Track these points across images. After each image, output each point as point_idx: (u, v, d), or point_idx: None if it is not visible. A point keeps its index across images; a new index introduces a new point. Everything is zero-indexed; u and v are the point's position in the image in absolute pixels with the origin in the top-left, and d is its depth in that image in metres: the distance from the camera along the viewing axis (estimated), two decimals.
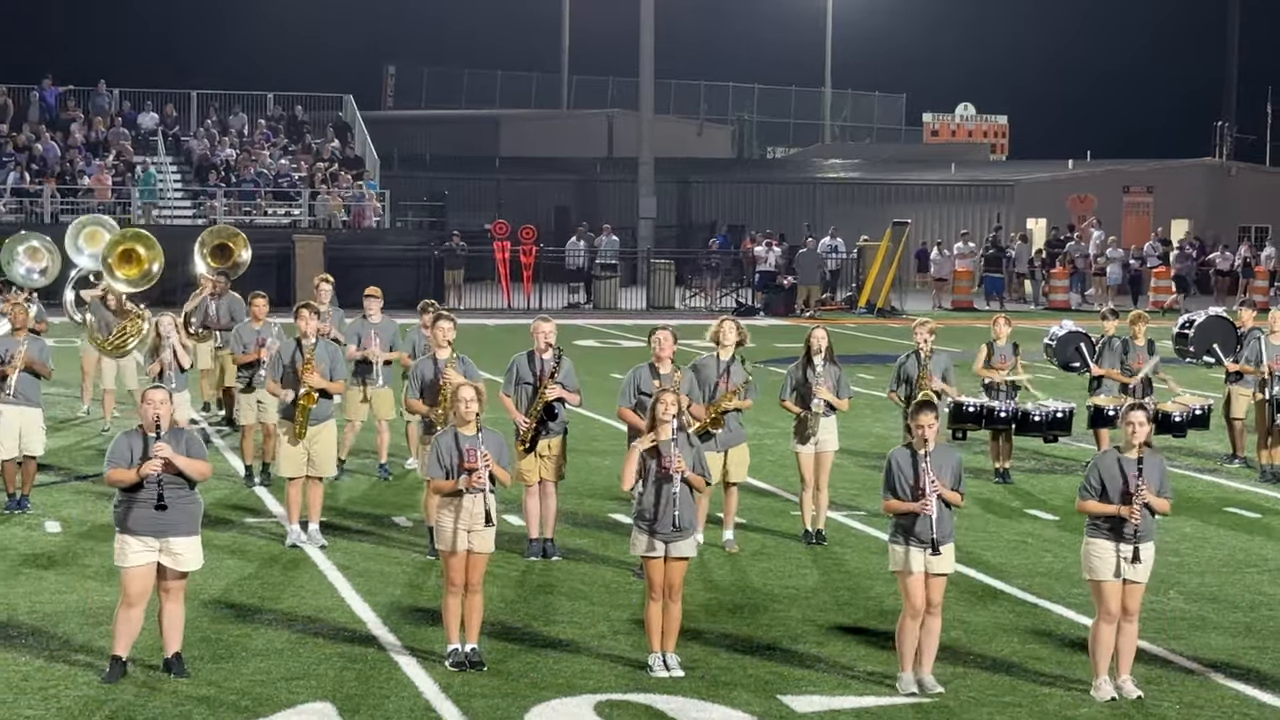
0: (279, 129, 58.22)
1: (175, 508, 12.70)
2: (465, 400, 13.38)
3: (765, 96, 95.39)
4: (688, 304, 54.25)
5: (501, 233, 53.64)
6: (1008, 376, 22.01)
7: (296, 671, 13.17)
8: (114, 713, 12.17)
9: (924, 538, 12.84)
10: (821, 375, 17.90)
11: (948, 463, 13.06)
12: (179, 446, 12.77)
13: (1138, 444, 12.84)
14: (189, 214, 52.06)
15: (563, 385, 17.15)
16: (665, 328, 17.08)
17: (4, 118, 54.96)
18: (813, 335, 18.09)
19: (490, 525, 13.29)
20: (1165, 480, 12.97)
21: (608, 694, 12.88)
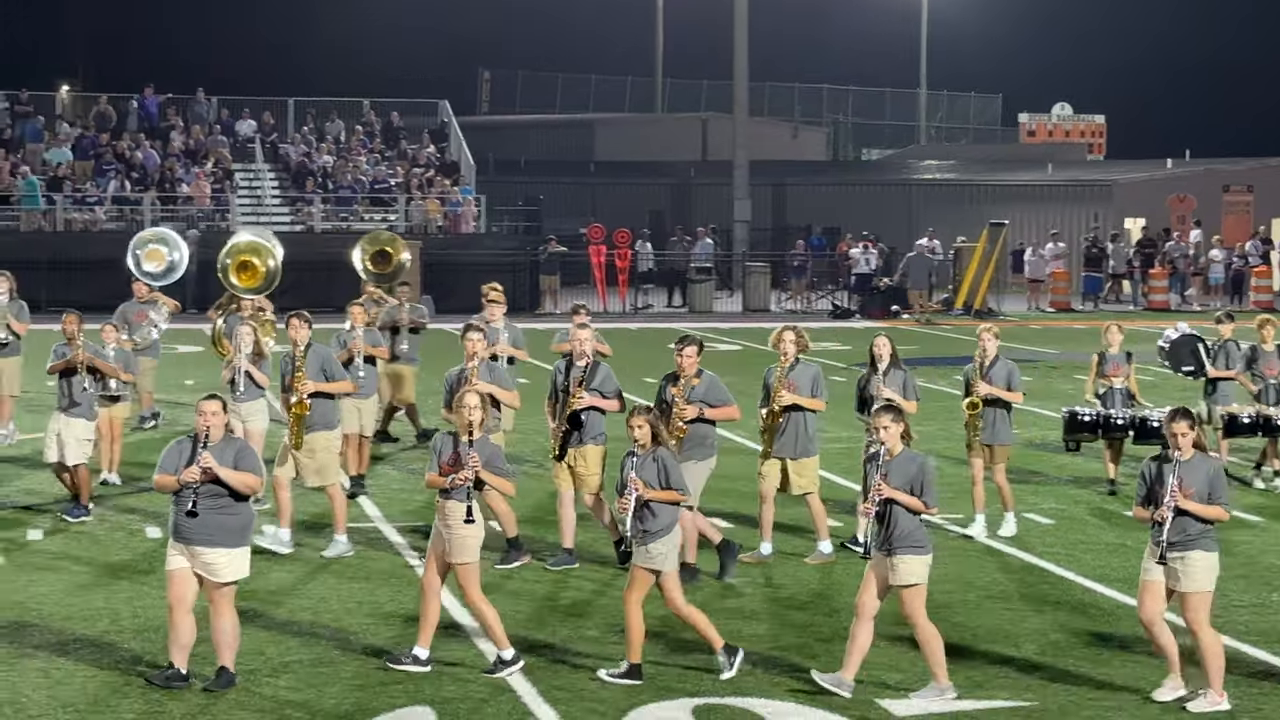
0: (375, 135, 58.54)
1: (208, 517, 12.67)
2: (468, 407, 13.51)
3: (860, 98, 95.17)
4: (783, 307, 54.15)
5: (597, 237, 53.73)
6: (1119, 385, 21.61)
7: (395, 676, 13.23)
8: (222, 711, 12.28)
9: (865, 541, 12.94)
10: (887, 381, 17.81)
11: (905, 469, 12.97)
12: (225, 457, 12.76)
13: (1184, 450, 12.69)
14: (286, 220, 52.41)
15: (599, 393, 16.99)
16: (690, 338, 17.07)
17: (105, 126, 55.53)
18: (875, 343, 18.10)
19: (470, 523, 13.27)
20: (1217, 486, 12.72)
21: (705, 698, 12.88)
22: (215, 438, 12.80)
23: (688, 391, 16.56)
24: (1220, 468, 13.00)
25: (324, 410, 17.84)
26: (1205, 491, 12.64)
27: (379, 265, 27.08)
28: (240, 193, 53.97)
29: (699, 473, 16.61)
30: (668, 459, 13.50)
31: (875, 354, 18.05)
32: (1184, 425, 12.69)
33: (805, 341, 17.82)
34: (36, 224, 50.45)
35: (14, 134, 54.60)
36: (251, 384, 19.53)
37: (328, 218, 53.04)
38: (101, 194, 52.07)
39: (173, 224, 50.53)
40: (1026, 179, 69.30)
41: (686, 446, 16.48)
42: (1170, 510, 12.55)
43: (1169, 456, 12.76)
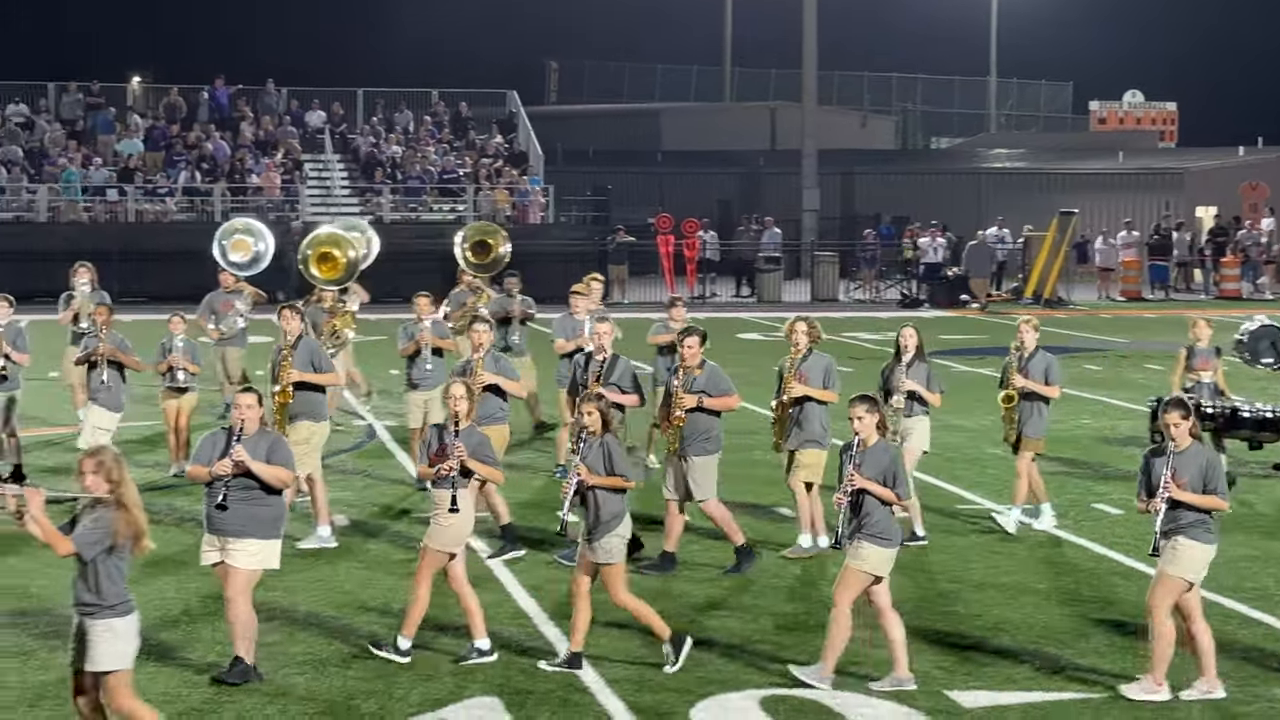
0: (444, 126, 58.68)
1: (237, 509, 12.71)
2: (454, 397, 13.67)
3: (929, 87, 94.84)
4: (851, 296, 54.04)
5: (665, 226, 53.71)
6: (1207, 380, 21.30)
7: (462, 667, 13.26)
8: (293, 700, 12.34)
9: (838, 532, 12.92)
10: (910, 373, 17.75)
11: (878, 460, 12.96)
12: (258, 450, 12.78)
13: (1178, 441, 12.68)
14: (355, 211, 52.58)
15: (618, 388, 16.95)
16: (692, 329, 17.02)
17: (175, 118, 55.86)
18: (902, 333, 18.05)
19: (454, 511, 13.31)
20: (1213, 476, 12.69)
21: (773, 689, 12.88)
22: (249, 430, 12.84)
23: (689, 382, 16.54)
24: (1216, 458, 13.00)
25: (311, 402, 17.70)
26: (1199, 482, 12.64)
27: (478, 255, 27.16)
28: (310, 183, 54.20)
29: (706, 467, 16.50)
30: (614, 446, 13.53)
31: (901, 344, 18.01)
32: (1176, 416, 12.72)
33: (817, 332, 17.80)
34: (73, 215, 50.70)
35: (86, 125, 54.98)
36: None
37: (396, 208, 53.21)
38: (172, 185, 52.37)
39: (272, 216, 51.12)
40: (1097, 167, 68.92)
41: (688, 439, 16.46)
42: (1163, 501, 12.62)
43: (1165, 448, 12.79)
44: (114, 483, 10.52)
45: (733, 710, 12.45)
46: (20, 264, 47.31)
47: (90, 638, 10.50)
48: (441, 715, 12.22)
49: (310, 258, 24.46)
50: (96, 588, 10.47)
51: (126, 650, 10.60)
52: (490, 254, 27.18)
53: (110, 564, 10.48)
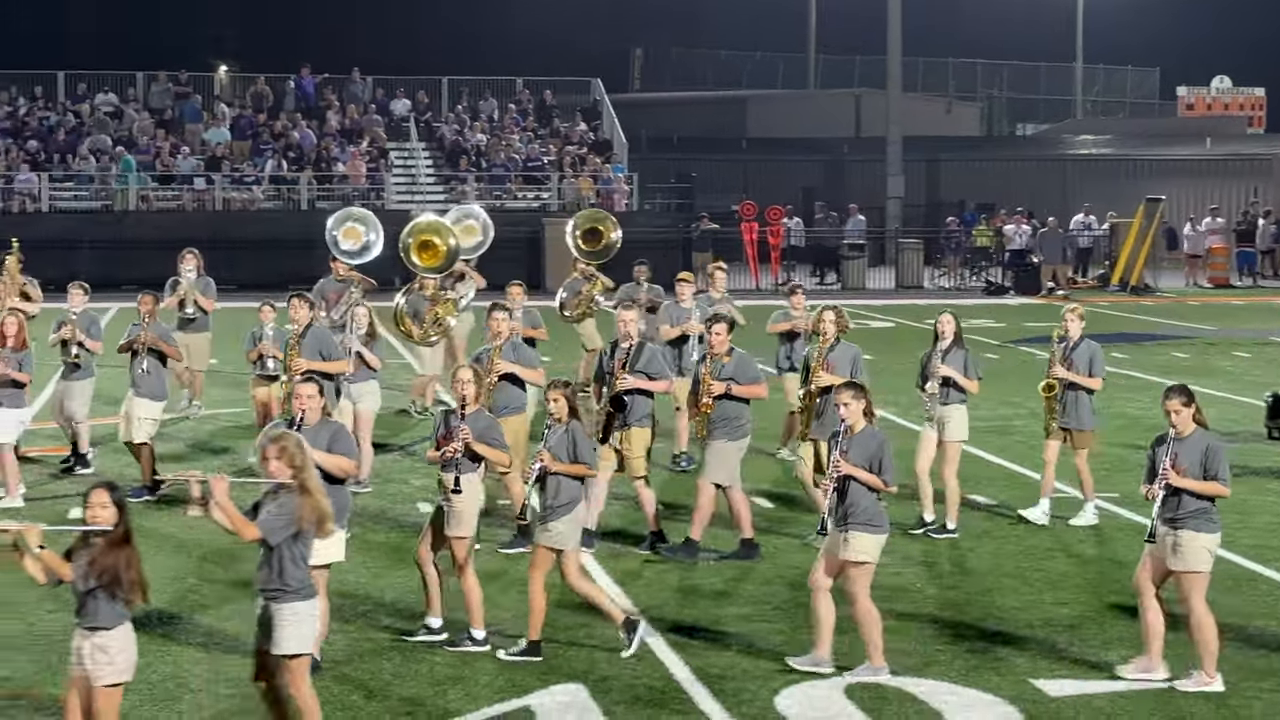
0: (528, 113, 58.79)
1: None
2: (460, 380, 13.76)
3: (1015, 73, 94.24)
4: (936, 283, 53.86)
5: (749, 214, 53.65)
6: None
7: (547, 653, 13.34)
8: (379, 688, 12.45)
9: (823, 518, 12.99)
10: (946, 359, 17.64)
11: (865, 446, 12.96)
12: (319, 440, 12.70)
13: (1180, 427, 12.70)
14: (441, 199, 52.73)
15: (645, 374, 16.91)
16: (719, 316, 17.06)
17: (262, 107, 56.20)
18: (940, 319, 17.92)
19: (456, 493, 13.41)
20: (1214, 463, 12.64)
21: (860, 677, 12.89)
22: (310, 421, 12.78)
23: (716, 369, 16.53)
24: (1219, 444, 12.92)
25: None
26: (1199, 468, 12.61)
27: (589, 242, 27.25)
28: (395, 171, 54.42)
29: (730, 453, 16.48)
30: (578, 433, 13.54)
31: (939, 330, 17.89)
32: (1177, 402, 12.74)
33: (845, 321, 17.77)
34: (128, 203, 51.09)
35: (174, 114, 55.40)
36: (363, 365, 19.61)
37: (481, 196, 53.31)
38: (259, 173, 52.70)
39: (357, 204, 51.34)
40: (1184, 153, 68.41)
41: (715, 425, 16.44)
42: (1161, 487, 12.63)
43: (1167, 435, 12.82)
44: (296, 468, 10.67)
45: (816, 698, 12.47)
46: (109, 252, 47.89)
47: (275, 621, 10.65)
48: (526, 702, 12.29)
49: (411, 245, 24.60)
50: (280, 573, 10.62)
51: (308, 634, 10.75)
52: (601, 241, 27.27)
53: (295, 549, 10.63)
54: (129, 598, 10.09)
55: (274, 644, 10.68)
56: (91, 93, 55.72)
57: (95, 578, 10.00)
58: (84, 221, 49.42)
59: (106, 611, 10.06)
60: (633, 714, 12.07)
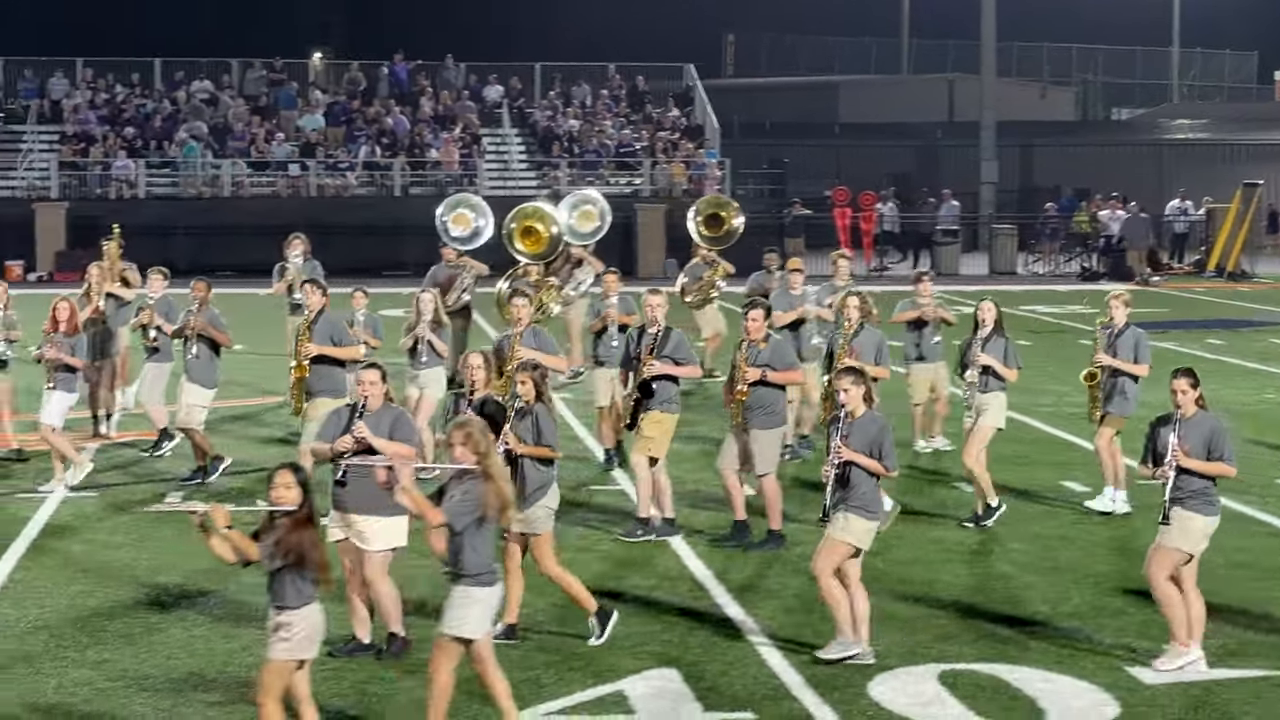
0: (621, 99, 58.81)
1: (357, 485, 12.57)
2: (471, 366, 13.75)
3: (1110, 57, 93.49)
4: (1030, 269, 53.55)
5: (841, 199, 53.49)
6: None
7: (643, 638, 13.36)
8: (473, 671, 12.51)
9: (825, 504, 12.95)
10: (986, 347, 17.45)
11: (866, 432, 12.92)
12: (381, 426, 12.70)
13: (1185, 408, 12.76)
14: (533, 185, 52.86)
15: (672, 360, 16.82)
16: (756, 302, 17.03)
17: (356, 94, 56.48)
18: (980, 306, 17.78)
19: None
20: (1218, 444, 12.72)
21: (952, 664, 12.86)
22: (373, 406, 12.76)
23: (752, 355, 16.45)
24: (1222, 425, 12.96)
25: (330, 377, 17.63)
26: (1203, 448, 12.69)
27: (711, 228, 27.31)
28: (488, 157, 54.58)
29: (772, 441, 16.37)
30: (543, 415, 13.48)
31: (978, 318, 17.71)
32: (1184, 383, 12.82)
33: (869, 307, 17.69)
34: (196, 189, 51.39)
35: (269, 101, 55.74)
36: (432, 352, 19.59)
37: (573, 182, 53.37)
38: (353, 160, 52.98)
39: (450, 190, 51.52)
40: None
41: (752, 411, 16.37)
42: (1171, 468, 12.67)
43: (1172, 416, 12.85)
44: (481, 454, 10.73)
45: (911, 685, 12.44)
46: (205, 238, 48.29)
47: (449, 600, 10.75)
48: (619, 687, 12.31)
49: (514, 232, 24.69)
50: (457, 557, 10.71)
51: (477, 619, 10.77)
52: (723, 227, 27.33)
53: (477, 535, 10.69)
54: (315, 577, 10.24)
55: (442, 623, 10.80)
56: (187, 80, 56.17)
57: (281, 557, 10.16)
58: (179, 208, 49.87)
59: (292, 591, 10.24)
60: (726, 700, 12.06)
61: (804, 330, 20.81)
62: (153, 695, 12.07)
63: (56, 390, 19.02)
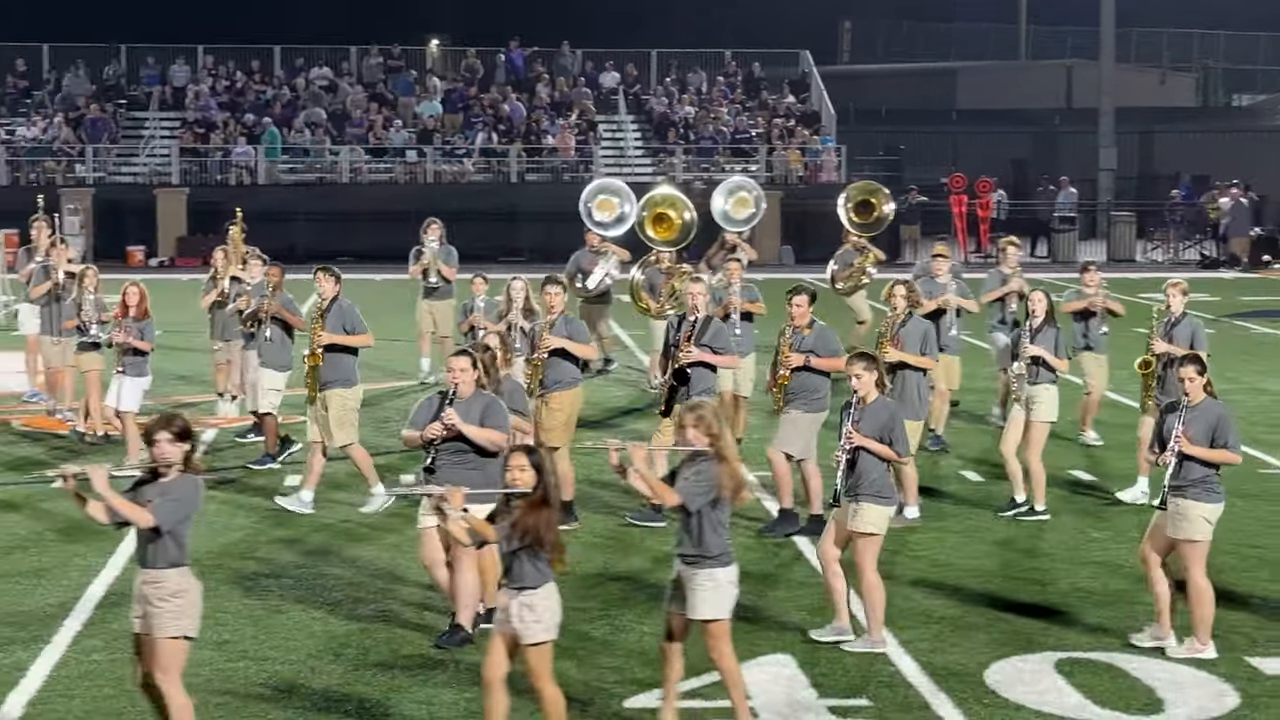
0: (737, 86, 58.76)
1: (452, 472, 12.52)
2: (454, 369, 13.48)
3: (1231, 43, 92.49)
4: (1149, 257, 53.09)
5: (958, 186, 53.23)
6: None
7: (757, 625, 13.37)
8: (587, 656, 12.56)
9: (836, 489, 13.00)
10: (1036, 338, 17.25)
11: (877, 418, 12.93)
12: (471, 413, 12.70)
13: (1192, 395, 12.78)
14: (648, 172, 52.95)
15: (710, 348, 16.73)
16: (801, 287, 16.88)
17: (473, 80, 56.73)
18: (1031, 297, 17.62)
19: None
20: (1223, 430, 12.71)
21: (1069, 652, 12.83)
22: (463, 393, 12.79)
23: (796, 341, 16.39)
24: (1227, 413, 12.93)
25: (342, 366, 17.42)
26: (1207, 436, 12.70)
27: (861, 215, 27.31)
28: (603, 144, 54.69)
29: (804, 424, 16.27)
30: (491, 400, 13.37)
31: (1030, 309, 17.60)
32: (1191, 370, 12.86)
33: (917, 296, 17.52)
34: (275, 177, 51.76)
35: (387, 88, 56.09)
36: (525, 339, 19.49)
37: (689, 169, 53.44)
38: (469, 146, 53.23)
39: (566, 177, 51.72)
40: None
41: (795, 396, 16.33)
42: (1173, 455, 12.69)
43: (1179, 403, 12.89)
44: (714, 436, 10.80)
45: (1027, 673, 12.42)
46: (324, 224, 48.71)
47: (691, 586, 10.81)
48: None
49: (646, 219, 24.76)
50: (699, 539, 10.78)
51: (725, 600, 10.86)
52: (874, 213, 27.29)
53: (714, 516, 10.77)
54: (551, 557, 10.31)
55: (690, 609, 10.86)
56: (307, 67, 56.61)
57: (519, 539, 10.23)
58: (299, 194, 50.26)
59: (531, 572, 10.29)
60: (841, 687, 12.08)
61: (944, 320, 20.55)
62: (272, 676, 12.24)
63: (127, 375, 19.22)
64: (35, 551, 15.74)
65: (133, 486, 10.20)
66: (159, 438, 10.09)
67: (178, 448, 10.09)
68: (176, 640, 10.12)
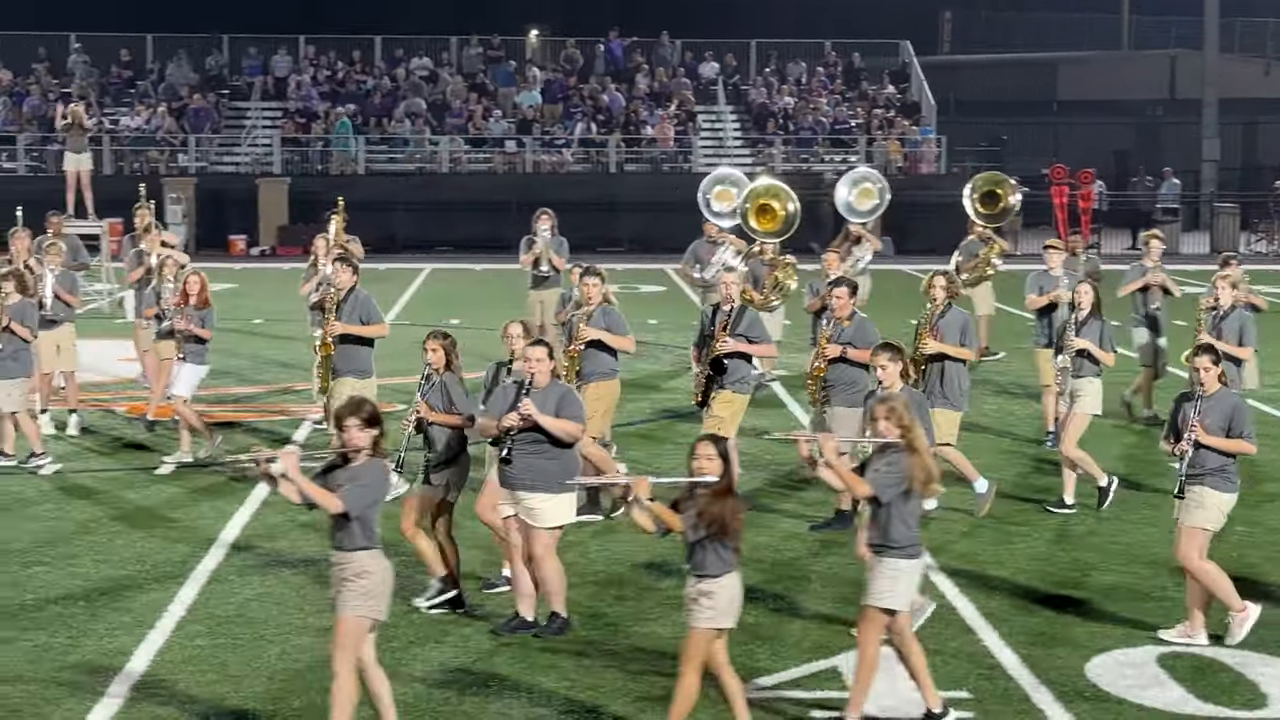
0: (836, 76, 58.61)
1: (523, 462, 12.57)
2: (512, 336, 13.90)
3: None
4: (1252, 249, 52.60)
5: (1059, 177, 52.86)
6: None
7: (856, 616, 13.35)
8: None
9: None
10: (1082, 331, 17.09)
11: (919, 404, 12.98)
12: (547, 403, 12.64)
13: (1207, 385, 12.76)
14: (748, 162, 52.89)
15: (745, 338, 16.59)
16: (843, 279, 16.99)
17: (572, 71, 56.82)
18: (1078, 289, 17.46)
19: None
20: (1238, 420, 12.69)
21: (1171, 646, 12.73)
22: (540, 384, 12.71)
23: (835, 333, 16.31)
24: (1243, 403, 12.93)
25: (356, 357, 17.33)
26: (1224, 426, 12.67)
27: (987, 205, 27.26)
28: (702, 134, 54.67)
29: (849, 419, 15.77)
30: (451, 384, 13.47)
31: (1076, 301, 17.43)
32: (1206, 360, 12.84)
33: (957, 287, 17.36)
34: (347, 166, 51.85)
35: (486, 78, 56.26)
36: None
37: (788, 159, 53.35)
38: (568, 136, 53.33)
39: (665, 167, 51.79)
40: None
41: (833, 388, 16.27)
42: (1189, 444, 12.69)
43: (1194, 392, 12.86)
44: (905, 428, 10.85)
45: (1129, 666, 12.34)
46: (423, 214, 48.96)
47: (875, 572, 10.88)
48: (834, 662, 12.34)
49: (749, 210, 24.79)
50: (885, 530, 10.85)
51: (902, 592, 10.90)
52: (999, 204, 27.26)
53: (903, 508, 10.83)
54: (736, 546, 10.36)
55: (869, 594, 10.92)
56: (407, 57, 56.85)
57: (705, 527, 10.26)
58: (399, 184, 50.50)
59: (714, 560, 10.32)
60: (941, 678, 12.01)
61: (1055, 315, 20.28)
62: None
63: (187, 362, 19.22)
64: (139, 537, 15.89)
65: (322, 472, 10.40)
66: (348, 424, 10.31)
67: (366, 433, 10.31)
68: (357, 619, 10.29)
